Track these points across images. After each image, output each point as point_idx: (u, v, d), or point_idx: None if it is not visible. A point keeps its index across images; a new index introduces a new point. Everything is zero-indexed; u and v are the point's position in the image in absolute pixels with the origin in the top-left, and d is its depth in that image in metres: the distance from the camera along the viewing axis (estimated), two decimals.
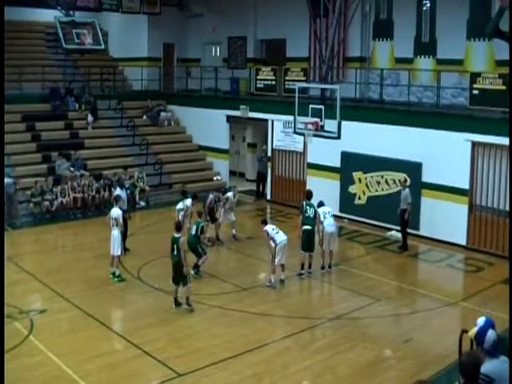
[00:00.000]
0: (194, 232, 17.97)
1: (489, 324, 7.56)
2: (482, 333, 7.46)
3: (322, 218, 18.49)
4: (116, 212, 17.95)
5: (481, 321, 7.67)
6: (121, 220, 17.94)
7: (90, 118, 29.85)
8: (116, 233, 17.76)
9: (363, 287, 17.51)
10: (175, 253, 15.82)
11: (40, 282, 17.67)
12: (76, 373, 12.52)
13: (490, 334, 7.39)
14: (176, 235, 15.96)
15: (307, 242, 18.19)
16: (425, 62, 25.25)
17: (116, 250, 17.69)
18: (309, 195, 19.05)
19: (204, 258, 18.03)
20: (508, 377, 7.24)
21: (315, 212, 18.37)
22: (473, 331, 7.66)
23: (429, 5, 25.09)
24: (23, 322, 14.95)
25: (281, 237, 17.42)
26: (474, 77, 21.45)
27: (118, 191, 20.41)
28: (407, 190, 20.65)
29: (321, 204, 18.99)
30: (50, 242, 21.74)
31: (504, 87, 20.40)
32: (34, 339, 14.09)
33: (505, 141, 19.13)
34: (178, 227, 16.29)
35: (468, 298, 16.89)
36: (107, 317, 15.36)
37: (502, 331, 10.52)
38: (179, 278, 15.75)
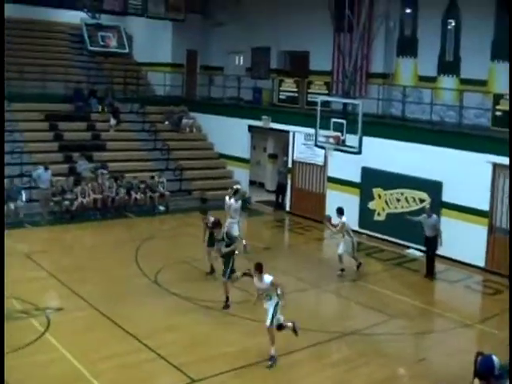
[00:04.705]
0: None
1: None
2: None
3: None
4: None
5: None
6: None
7: (112, 120, 30.02)
8: None
9: (379, 304, 17.44)
10: None
11: (57, 280, 17.79)
12: (89, 372, 12.58)
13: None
14: None
15: None
16: (448, 81, 25.17)
17: None
18: None
19: None
20: None
21: None
22: None
23: (453, 24, 25.03)
24: (39, 319, 15.05)
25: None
26: (498, 98, 21.36)
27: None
28: (434, 216, 20.09)
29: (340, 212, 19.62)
30: (68, 241, 21.82)
31: None
32: (49, 336, 14.17)
33: None
34: None
35: (485, 320, 16.77)
36: (123, 318, 15.28)
37: None
38: None
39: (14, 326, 14.68)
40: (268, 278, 13.79)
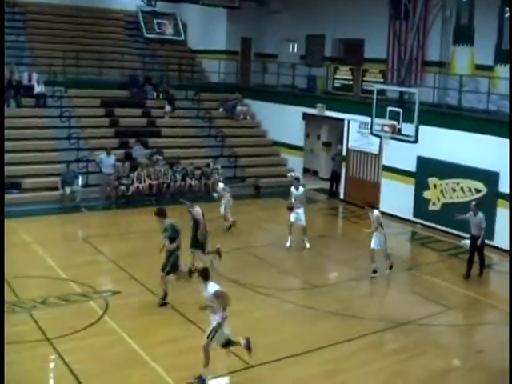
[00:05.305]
0: None
1: None
2: None
3: None
4: None
5: None
6: None
7: (167, 107, 30.28)
8: None
9: (434, 294, 17.33)
10: None
11: (115, 264, 18.08)
12: (148, 355, 12.76)
13: None
14: None
15: None
16: (505, 70, 24.74)
17: None
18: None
19: None
20: None
21: None
22: None
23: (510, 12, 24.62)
24: (98, 302, 15.33)
25: None
26: None
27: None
28: (480, 214, 18.89)
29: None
30: (125, 226, 22.12)
31: None
32: (108, 319, 14.41)
33: None
34: None
35: None
36: (180, 303, 15.43)
37: None
38: None
39: (73, 308, 15.07)
40: (212, 288, 12.08)
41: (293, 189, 20.79)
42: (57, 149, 26.07)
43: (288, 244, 20.31)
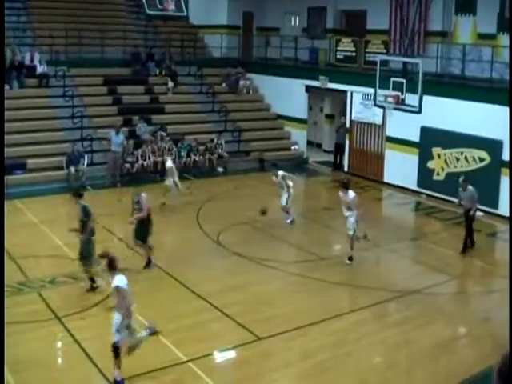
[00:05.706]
0: None
1: None
2: None
3: None
4: None
5: None
6: None
7: (170, 83, 30.21)
8: None
9: (440, 263, 17.44)
10: None
11: (121, 241, 18.15)
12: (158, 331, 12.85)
13: None
14: None
15: None
16: (508, 39, 24.64)
17: None
18: None
19: None
20: None
21: None
22: None
23: None
24: (106, 279, 15.24)
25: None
26: None
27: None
28: (470, 187, 18.46)
29: None
30: (130, 204, 22.12)
31: None
32: None
33: None
34: None
35: None
36: (187, 278, 15.58)
37: None
38: None
39: (82, 286, 15.10)
40: (118, 280, 11.20)
41: (273, 178, 20.47)
42: (61, 128, 26.13)
43: (289, 220, 20.28)
